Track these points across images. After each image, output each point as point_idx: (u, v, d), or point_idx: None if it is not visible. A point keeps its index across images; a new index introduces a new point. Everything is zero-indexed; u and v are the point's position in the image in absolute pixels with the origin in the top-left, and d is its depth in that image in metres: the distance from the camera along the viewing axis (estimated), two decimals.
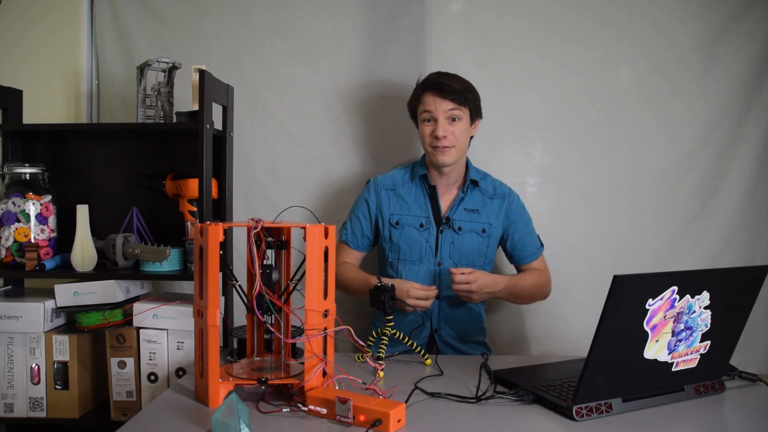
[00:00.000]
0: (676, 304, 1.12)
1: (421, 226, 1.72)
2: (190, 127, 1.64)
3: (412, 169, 1.79)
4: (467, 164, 1.77)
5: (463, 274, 1.57)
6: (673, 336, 1.15)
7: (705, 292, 1.16)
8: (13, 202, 1.69)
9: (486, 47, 1.99)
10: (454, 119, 1.65)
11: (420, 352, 1.45)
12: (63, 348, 1.61)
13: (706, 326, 1.19)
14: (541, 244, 1.79)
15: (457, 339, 1.73)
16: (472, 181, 1.74)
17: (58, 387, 1.62)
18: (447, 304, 1.71)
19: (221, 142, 1.81)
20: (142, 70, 1.71)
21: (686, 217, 2.01)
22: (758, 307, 1.83)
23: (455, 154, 1.66)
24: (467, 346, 1.75)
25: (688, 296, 1.13)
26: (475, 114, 1.71)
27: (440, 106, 1.64)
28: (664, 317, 1.12)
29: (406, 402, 1.12)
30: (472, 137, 1.75)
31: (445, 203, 1.75)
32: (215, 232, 1.14)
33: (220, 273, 1.17)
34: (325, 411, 1.09)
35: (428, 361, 1.45)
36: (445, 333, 1.72)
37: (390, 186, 1.78)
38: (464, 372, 1.36)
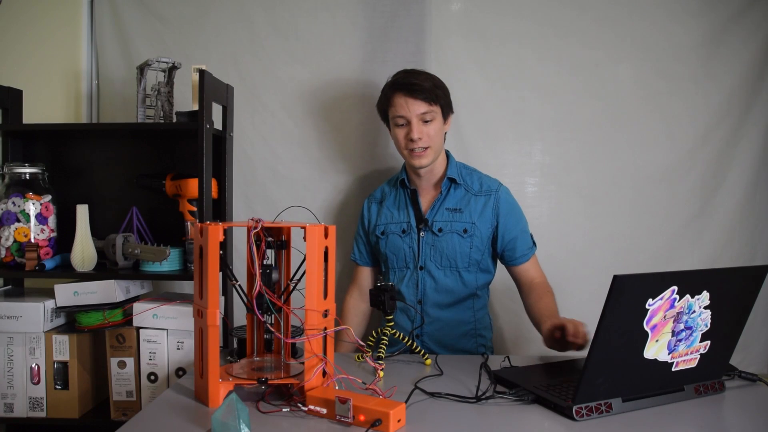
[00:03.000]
0: (676, 304, 1.12)
1: (404, 231, 1.70)
2: (190, 127, 1.64)
3: (396, 178, 1.78)
4: (448, 161, 1.73)
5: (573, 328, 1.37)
6: (673, 336, 1.15)
7: (705, 292, 1.16)
8: (13, 202, 1.69)
9: (486, 47, 1.99)
10: (426, 121, 1.61)
11: (420, 352, 1.45)
12: (63, 348, 1.61)
13: (706, 326, 1.19)
14: (534, 244, 1.73)
15: (440, 346, 1.68)
16: (449, 179, 1.69)
17: (58, 387, 1.62)
18: (429, 311, 1.68)
19: (221, 142, 1.81)
20: (142, 70, 1.71)
21: (686, 217, 2.01)
22: (758, 307, 1.83)
23: (432, 154, 1.64)
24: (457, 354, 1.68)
25: (688, 296, 1.13)
26: (447, 110, 1.67)
27: (413, 108, 1.60)
28: (664, 317, 1.12)
29: (406, 402, 1.12)
30: (445, 133, 1.72)
31: (426, 205, 1.72)
32: (215, 232, 1.14)
33: (220, 273, 1.17)
34: (325, 411, 1.09)
35: (428, 361, 1.45)
36: (428, 339, 1.68)
37: (378, 199, 1.80)
38: (464, 372, 1.36)
